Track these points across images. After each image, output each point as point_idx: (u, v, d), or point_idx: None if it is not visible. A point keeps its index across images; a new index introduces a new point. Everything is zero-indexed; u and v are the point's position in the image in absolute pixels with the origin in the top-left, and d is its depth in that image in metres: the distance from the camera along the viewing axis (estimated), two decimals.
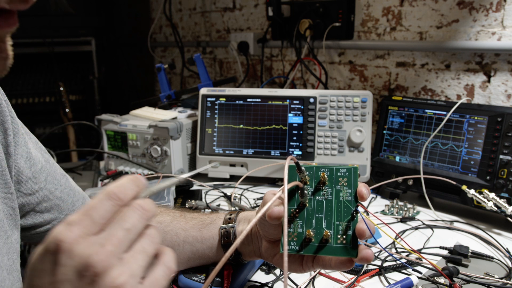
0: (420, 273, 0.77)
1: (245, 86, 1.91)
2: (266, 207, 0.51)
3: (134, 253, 0.37)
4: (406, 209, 1.06)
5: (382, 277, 0.78)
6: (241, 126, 1.29)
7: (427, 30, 1.33)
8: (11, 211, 0.58)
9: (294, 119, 1.25)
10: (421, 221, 1.01)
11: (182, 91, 1.62)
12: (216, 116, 1.31)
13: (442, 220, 1.03)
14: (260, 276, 0.78)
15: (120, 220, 0.37)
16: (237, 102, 1.30)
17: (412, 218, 1.02)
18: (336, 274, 0.78)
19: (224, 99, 1.31)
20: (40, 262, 0.36)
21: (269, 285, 0.75)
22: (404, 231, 0.97)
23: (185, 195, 1.13)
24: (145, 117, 1.39)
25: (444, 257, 0.85)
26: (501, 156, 0.99)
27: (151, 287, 0.38)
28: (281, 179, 1.28)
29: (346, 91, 1.23)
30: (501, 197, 0.97)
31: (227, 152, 1.30)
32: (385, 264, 0.81)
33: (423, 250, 0.88)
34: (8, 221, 0.58)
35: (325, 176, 0.59)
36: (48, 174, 0.66)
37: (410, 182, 1.13)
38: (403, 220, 1.02)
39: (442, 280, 0.75)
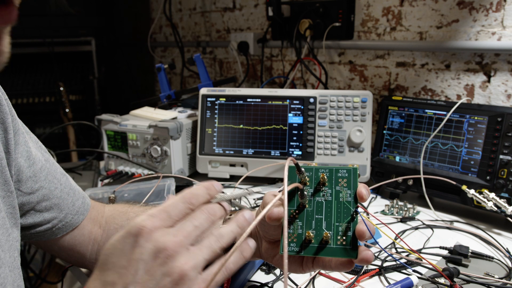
0: (420, 273, 0.77)
1: (245, 86, 1.91)
2: (267, 208, 0.51)
3: (201, 247, 0.43)
4: (406, 209, 1.06)
5: (382, 277, 0.78)
6: (241, 126, 1.29)
7: (427, 30, 1.33)
8: (11, 209, 0.58)
9: (294, 119, 1.25)
10: (421, 221, 1.01)
11: (182, 91, 1.62)
12: (216, 116, 1.31)
13: (442, 220, 1.03)
14: (260, 276, 0.78)
15: (191, 218, 0.45)
16: (237, 102, 1.30)
17: (412, 218, 1.02)
18: (336, 274, 0.78)
19: (224, 99, 1.31)
20: (121, 243, 0.42)
21: (269, 285, 0.76)
22: (404, 231, 0.97)
23: None
24: (145, 117, 1.39)
25: (444, 257, 0.85)
26: (501, 156, 0.99)
27: (208, 279, 0.43)
28: (281, 179, 1.28)
29: (346, 91, 1.23)
30: (501, 197, 0.97)
31: (227, 152, 1.30)
32: (385, 264, 0.81)
33: (423, 250, 0.88)
34: (9, 219, 0.58)
35: (325, 177, 0.59)
36: (48, 173, 0.66)
37: (410, 182, 1.13)
38: (403, 220, 1.02)
39: (442, 280, 0.75)
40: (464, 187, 1.01)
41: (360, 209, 0.57)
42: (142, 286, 0.40)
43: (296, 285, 0.75)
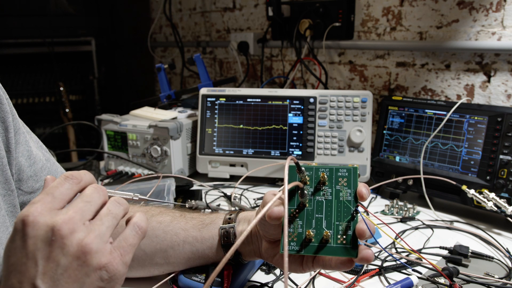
0: (420, 273, 0.77)
1: (245, 86, 1.91)
2: (267, 207, 0.51)
3: (100, 217, 0.41)
4: (406, 209, 1.06)
5: (382, 277, 0.78)
6: (241, 126, 1.29)
7: (427, 30, 1.33)
8: (11, 208, 0.58)
9: (294, 119, 1.25)
10: (421, 221, 1.01)
11: (182, 91, 1.62)
12: (216, 116, 1.31)
13: (442, 220, 1.03)
14: (260, 276, 0.78)
15: (82, 195, 0.42)
16: (237, 102, 1.30)
17: (412, 218, 1.02)
18: (336, 274, 0.78)
19: (224, 99, 1.31)
20: (11, 241, 0.39)
21: (269, 285, 0.75)
22: (404, 231, 0.97)
23: (185, 195, 1.13)
24: (145, 117, 1.39)
25: (444, 257, 0.85)
26: (501, 156, 0.99)
27: (120, 245, 0.41)
28: (281, 179, 1.28)
29: (346, 91, 1.23)
30: (501, 197, 0.97)
31: (227, 152, 1.30)
32: (385, 264, 0.81)
33: (423, 250, 0.88)
34: (9, 218, 0.58)
35: (325, 176, 0.59)
36: (49, 173, 0.66)
37: (410, 182, 1.13)
38: (403, 220, 1.02)
39: (442, 280, 0.75)
40: (464, 187, 1.01)
41: (360, 209, 0.57)
42: (50, 276, 0.38)
43: (296, 285, 0.75)
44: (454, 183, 1.02)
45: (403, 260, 0.83)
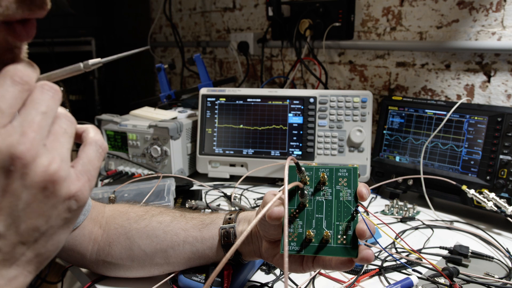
0: (420, 273, 0.77)
1: (245, 86, 1.91)
2: (267, 208, 0.51)
3: (57, 137, 0.34)
4: (406, 209, 1.06)
5: (382, 277, 0.78)
6: (241, 126, 1.29)
7: (427, 30, 1.33)
8: None
9: (294, 119, 1.25)
10: (421, 221, 1.01)
11: (182, 91, 1.62)
12: (216, 116, 1.31)
13: (442, 220, 1.03)
14: (260, 276, 0.78)
15: (34, 103, 0.33)
16: (237, 102, 1.30)
17: (412, 218, 1.02)
18: (336, 274, 0.78)
19: (224, 99, 1.31)
20: None
21: (269, 285, 0.76)
22: (404, 231, 0.97)
23: (185, 195, 1.13)
24: (145, 117, 1.39)
25: (444, 257, 0.85)
26: (501, 156, 0.99)
27: (86, 169, 0.36)
28: (281, 179, 1.28)
29: (346, 91, 1.23)
30: (501, 197, 0.97)
31: (227, 152, 1.30)
32: (385, 264, 0.81)
33: (423, 250, 0.88)
34: None
35: (325, 176, 0.59)
36: None
37: (410, 182, 1.13)
38: (403, 220, 1.02)
39: (442, 280, 0.75)
40: (464, 187, 1.01)
41: (360, 209, 0.57)
42: (8, 212, 0.31)
43: (296, 285, 0.75)
44: (454, 183, 1.02)
45: (403, 260, 0.83)
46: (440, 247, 0.88)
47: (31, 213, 0.32)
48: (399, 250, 0.88)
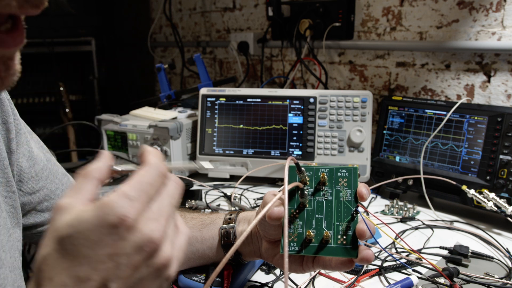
0: (420, 273, 0.77)
1: (245, 86, 1.91)
2: (267, 208, 0.51)
3: (171, 226, 0.39)
4: (406, 209, 1.06)
5: (382, 277, 0.78)
6: (241, 126, 1.29)
7: (427, 30, 1.33)
8: (13, 209, 0.58)
9: (294, 119, 1.25)
10: (421, 221, 1.01)
11: (182, 91, 1.62)
12: (216, 116, 1.31)
13: (442, 220, 1.03)
14: (260, 276, 0.78)
15: (168, 195, 0.39)
16: (237, 102, 1.30)
17: (412, 218, 1.02)
18: (336, 274, 0.78)
19: (224, 99, 1.31)
20: (96, 233, 0.35)
21: (269, 285, 0.76)
22: (404, 231, 0.97)
23: (185, 195, 1.13)
24: (145, 117, 1.39)
25: (444, 257, 0.85)
26: (501, 156, 0.99)
27: (179, 256, 0.40)
28: (281, 179, 1.28)
29: (346, 91, 1.23)
30: (501, 197, 0.97)
31: (227, 152, 1.30)
32: (385, 264, 0.81)
33: (423, 250, 0.88)
34: (10, 219, 0.58)
35: (325, 176, 0.59)
36: (49, 173, 0.66)
37: (410, 182, 1.13)
38: (403, 220, 1.02)
39: (442, 280, 0.75)
40: (464, 187, 1.01)
41: (360, 209, 0.57)
42: (126, 282, 0.36)
43: (296, 285, 0.75)
44: (454, 183, 1.02)
45: (403, 260, 0.83)
46: (440, 247, 0.88)
47: (141, 286, 0.37)
48: (399, 250, 0.88)
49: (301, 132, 1.24)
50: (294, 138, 1.25)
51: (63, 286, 0.35)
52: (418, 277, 0.75)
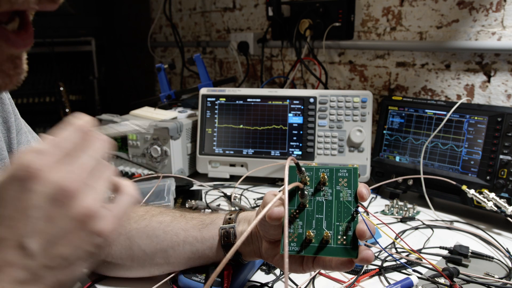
0: (420, 273, 0.77)
1: (245, 86, 1.91)
2: (267, 208, 0.51)
3: (98, 179, 0.39)
4: (406, 209, 1.06)
5: (382, 277, 0.78)
6: (241, 126, 1.29)
7: (427, 30, 1.33)
8: None
9: (294, 119, 1.25)
10: (421, 221, 1.01)
11: (182, 91, 1.62)
12: (216, 116, 1.31)
13: (442, 220, 1.03)
14: (260, 276, 0.78)
15: (86, 148, 0.39)
16: (237, 102, 1.30)
17: (412, 218, 1.02)
18: (336, 274, 0.78)
19: (224, 99, 1.31)
20: (6, 191, 0.35)
21: (269, 285, 0.76)
22: (404, 231, 0.97)
23: (185, 195, 1.13)
24: (145, 117, 1.39)
25: (444, 257, 0.85)
26: (501, 156, 0.99)
27: (119, 214, 0.39)
28: (281, 179, 1.28)
29: (346, 91, 1.23)
30: (501, 197, 0.97)
31: (227, 152, 1.30)
32: (385, 264, 0.81)
33: (423, 250, 0.88)
34: None
35: (325, 176, 0.59)
36: None
37: (410, 182, 1.13)
38: (403, 220, 1.02)
39: (442, 280, 0.75)
40: (464, 187, 1.01)
41: (360, 209, 0.57)
42: (46, 237, 0.35)
43: (296, 285, 0.75)
44: (454, 183, 1.02)
45: (403, 260, 0.83)
46: (440, 247, 0.88)
47: (65, 241, 0.36)
48: (399, 250, 0.88)
49: (301, 132, 1.24)
50: (294, 138, 1.25)
51: None
52: (418, 277, 0.75)
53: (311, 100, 1.24)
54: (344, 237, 0.56)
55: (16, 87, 0.41)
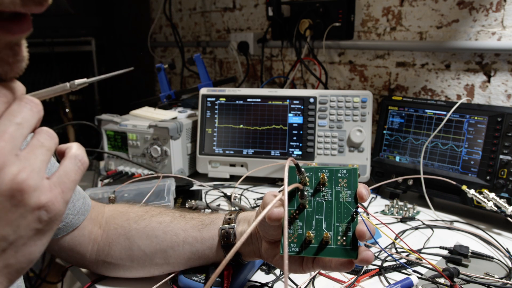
0: (420, 273, 0.77)
1: (245, 86, 1.91)
2: (267, 209, 0.50)
3: (32, 149, 0.35)
4: (406, 209, 1.06)
5: (382, 277, 0.78)
6: (241, 126, 1.29)
7: (427, 30, 1.33)
8: None
9: (294, 119, 1.25)
10: (421, 221, 1.01)
11: (182, 91, 1.62)
12: (216, 116, 1.31)
13: (442, 220, 1.03)
14: (260, 276, 0.78)
15: (9, 115, 0.34)
16: (237, 102, 1.30)
17: (412, 218, 1.02)
18: (336, 274, 0.78)
19: (224, 99, 1.31)
20: None
21: (269, 285, 0.76)
22: (404, 231, 0.97)
23: (185, 195, 1.13)
24: (145, 117, 1.39)
25: (444, 257, 0.85)
26: (501, 156, 0.99)
27: (60, 180, 0.36)
28: (281, 179, 1.28)
29: (346, 91, 1.23)
30: (501, 197, 0.97)
31: (227, 152, 1.30)
32: (385, 264, 0.81)
33: (423, 250, 0.88)
34: None
35: (325, 177, 0.59)
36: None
37: (410, 182, 1.13)
38: (403, 220, 1.02)
39: (442, 280, 0.75)
40: (464, 187, 1.01)
41: (360, 209, 0.57)
42: None
43: (296, 285, 0.75)
44: (454, 183, 1.02)
45: (403, 260, 0.83)
46: (440, 247, 0.88)
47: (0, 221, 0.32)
48: (399, 250, 0.88)
49: (301, 132, 1.24)
50: (294, 138, 1.25)
51: None
52: (418, 277, 0.75)
53: (311, 100, 1.24)
54: (344, 238, 0.56)
55: (17, 75, 0.40)
